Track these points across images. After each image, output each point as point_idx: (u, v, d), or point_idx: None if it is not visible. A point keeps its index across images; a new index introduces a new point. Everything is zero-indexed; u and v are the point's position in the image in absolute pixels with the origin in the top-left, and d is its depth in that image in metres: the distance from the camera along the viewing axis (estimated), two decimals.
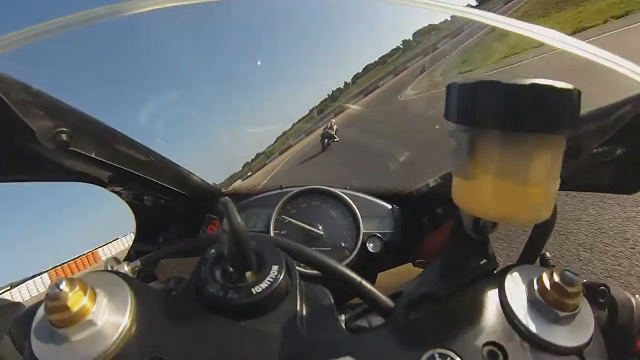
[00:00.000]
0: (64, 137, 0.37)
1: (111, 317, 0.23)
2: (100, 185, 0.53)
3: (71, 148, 0.38)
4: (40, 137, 0.35)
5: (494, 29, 0.37)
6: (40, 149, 0.37)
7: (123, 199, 0.60)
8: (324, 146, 8.58)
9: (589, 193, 1.93)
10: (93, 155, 0.42)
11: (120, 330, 0.23)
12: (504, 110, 0.19)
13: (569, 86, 0.19)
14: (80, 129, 0.39)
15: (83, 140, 0.40)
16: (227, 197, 0.24)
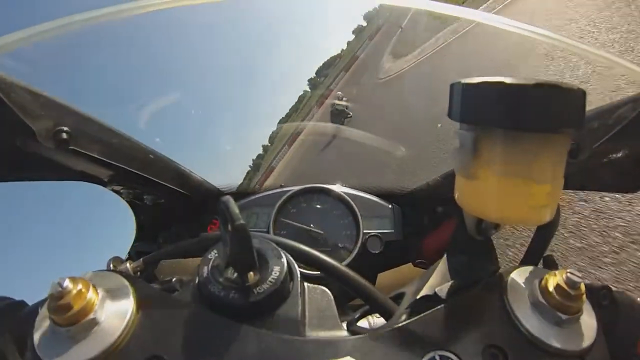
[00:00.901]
0: (63, 136, 0.37)
1: (113, 315, 0.23)
2: (101, 185, 0.53)
3: (71, 147, 0.38)
4: (40, 137, 0.35)
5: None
6: (40, 149, 0.37)
7: (123, 198, 0.60)
8: None
9: None
10: (93, 154, 0.42)
11: (122, 328, 0.23)
12: (508, 110, 0.19)
13: (574, 86, 0.19)
14: (80, 128, 0.39)
15: (83, 140, 0.40)
16: (228, 196, 0.24)
